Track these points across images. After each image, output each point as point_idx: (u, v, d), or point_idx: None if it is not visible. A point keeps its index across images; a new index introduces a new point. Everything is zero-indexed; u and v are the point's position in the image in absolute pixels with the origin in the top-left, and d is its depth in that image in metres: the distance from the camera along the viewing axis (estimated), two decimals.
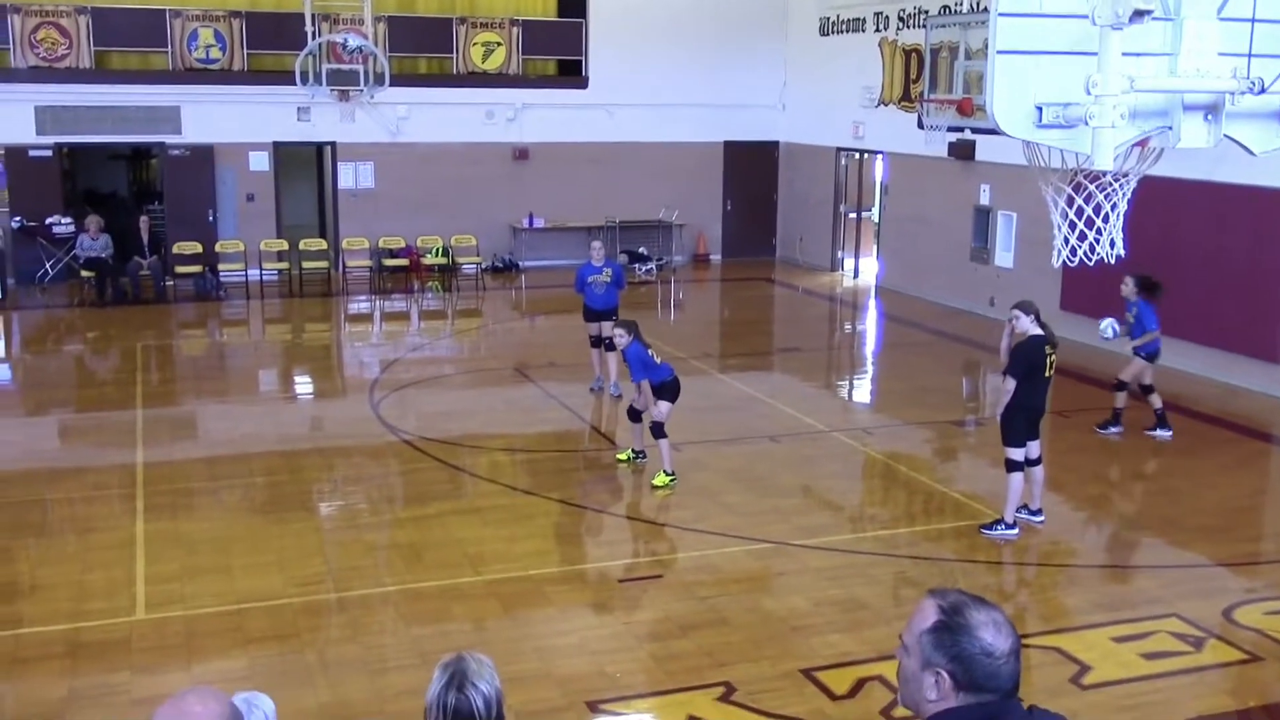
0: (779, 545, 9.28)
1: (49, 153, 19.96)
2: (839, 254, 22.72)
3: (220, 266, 20.36)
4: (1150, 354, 11.97)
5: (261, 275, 20.47)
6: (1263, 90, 5.43)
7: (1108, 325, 11.64)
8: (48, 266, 19.69)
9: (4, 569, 8.93)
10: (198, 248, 20.25)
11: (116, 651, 7.51)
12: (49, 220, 19.76)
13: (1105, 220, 7.32)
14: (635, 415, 11.06)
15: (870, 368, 17.00)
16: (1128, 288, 11.90)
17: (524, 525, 9.83)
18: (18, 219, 19.68)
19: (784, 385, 14.82)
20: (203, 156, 20.56)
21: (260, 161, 21.02)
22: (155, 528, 9.55)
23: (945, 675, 2.49)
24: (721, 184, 23.86)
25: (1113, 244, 7.37)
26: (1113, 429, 12.20)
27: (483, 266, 21.89)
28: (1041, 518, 9.71)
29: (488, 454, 11.65)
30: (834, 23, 22.04)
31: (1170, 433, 12.11)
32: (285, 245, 20.95)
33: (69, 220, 19.89)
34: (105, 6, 19.95)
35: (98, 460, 11.45)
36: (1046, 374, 9.45)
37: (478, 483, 10.83)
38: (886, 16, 20.46)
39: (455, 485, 10.83)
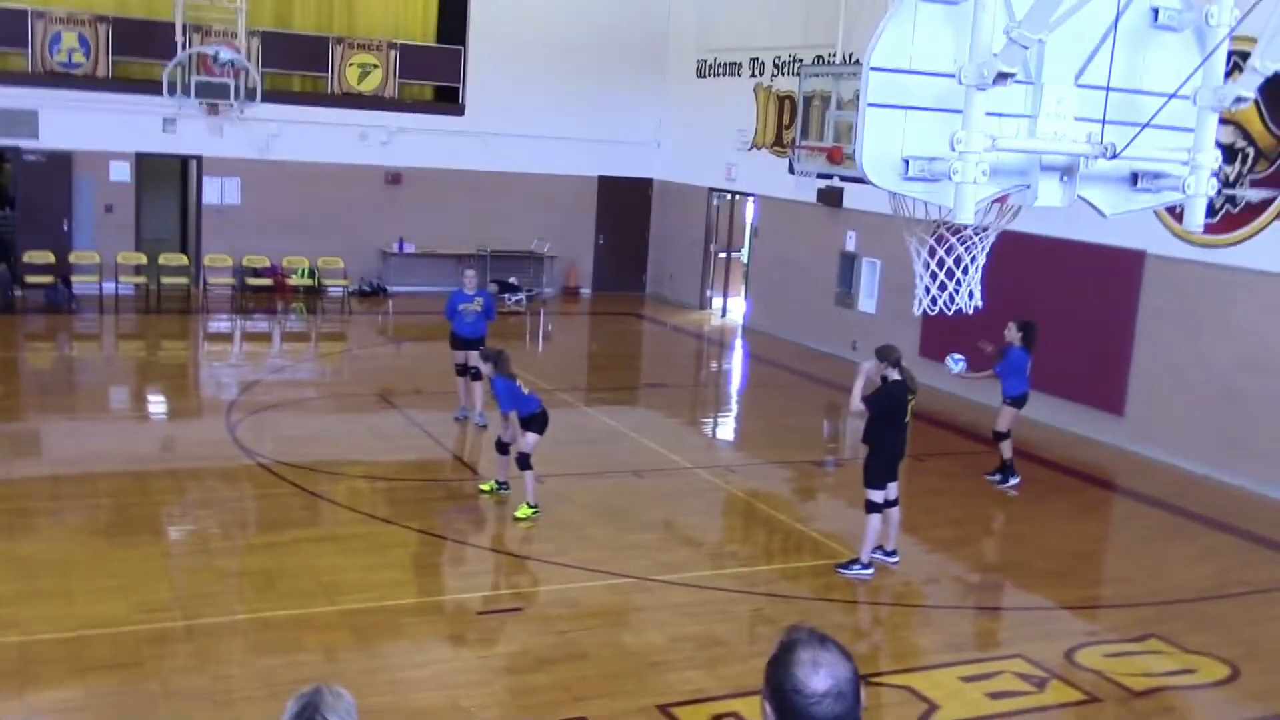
0: (639, 580, 9.30)
1: None
2: (708, 293, 23.00)
3: (73, 278, 19.63)
4: (1015, 399, 12.29)
5: (117, 289, 19.78)
6: (1115, 155, 5.68)
7: (954, 360, 11.81)
8: None
9: None
10: (50, 258, 19.48)
11: None
12: None
13: (965, 272, 7.55)
14: (503, 447, 10.99)
15: (735, 406, 17.21)
16: (1011, 332, 12.19)
17: (382, 554, 9.66)
18: None
19: (649, 421, 14.90)
20: (60, 163, 19.82)
21: (121, 172, 20.35)
22: None
23: (769, 708, 2.56)
24: (595, 218, 23.95)
25: (971, 295, 7.60)
26: (1012, 480, 12.42)
27: (350, 290, 21.53)
28: (896, 559, 9.93)
29: (347, 481, 11.43)
30: (711, 65, 22.39)
31: (1016, 481, 12.46)
32: (144, 259, 20.28)
33: None
34: None
35: None
36: (906, 419, 9.71)
37: (335, 510, 10.61)
38: (762, 62, 20.87)
39: (312, 512, 10.59)
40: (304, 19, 21.74)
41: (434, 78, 22.63)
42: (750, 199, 21.53)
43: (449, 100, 22.62)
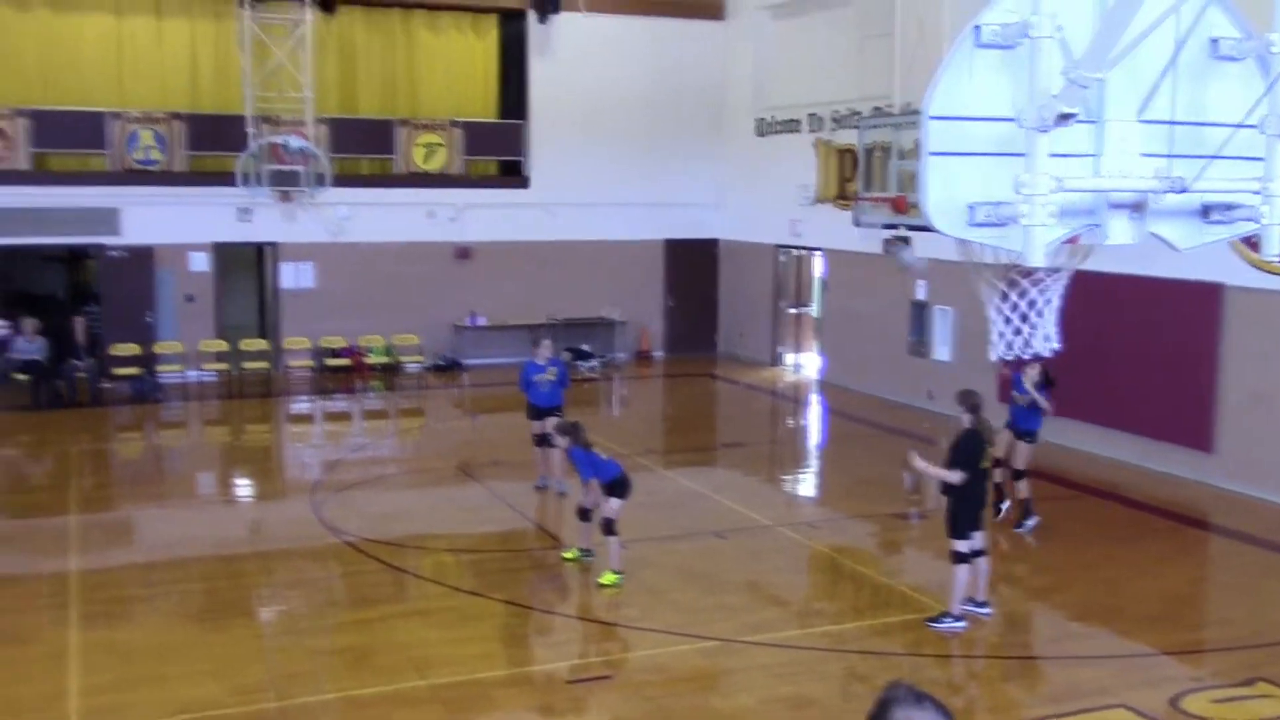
0: (726, 643, 9.22)
1: None
2: (780, 349, 22.95)
3: (158, 368, 20.14)
4: (1027, 434, 12.04)
5: (201, 376, 20.26)
6: (1184, 190, 5.62)
7: (904, 251, 11.36)
8: None
9: None
10: (136, 349, 20.02)
11: None
12: None
13: (1039, 315, 7.48)
14: (585, 515, 11.00)
15: (813, 462, 17.08)
16: (1033, 371, 11.92)
17: (469, 627, 9.70)
18: None
19: (728, 480, 14.85)
20: (142, 257, 20.44)
21: (200, 262, 20.93)
22: (89, 637, 9.30)
23: None
24: (663, 281, 24.10)
25: (1047, 338, 7.52)
26: (1029, 523, 12.17)
27: (425, 365, 21.83)
28: (988, 610, 9.75)
29: (432, 555, 11.51)
30: (769, 123, 22.52)
31: (1034, 522, 12.17)
32: (225, 346, 20.77)
33: (4, 323, 19.59)
34: (45, 109, 19.95)
35: (29, 568, 11.15)
36: (984, 465, 9.59)
37: (422, 584, 10.69)
38: (820, 117, 20.94)
39: (399, 587, 10.68)
40: (369, 103, 22.28)
41: (498, 153, 23.03)
42: (817, 253, 21.52)
43: (513, 174, 22.98)
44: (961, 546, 9.46)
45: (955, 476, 9.38)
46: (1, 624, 9.66)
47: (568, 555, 11.23)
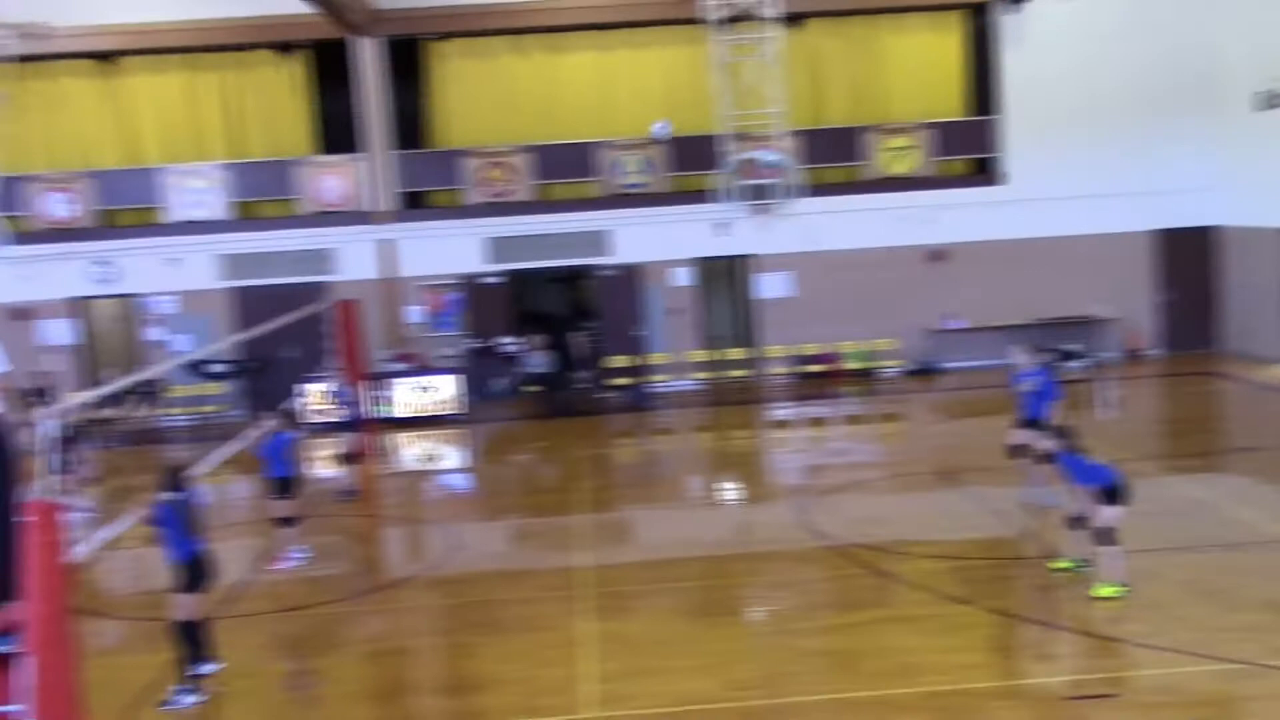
0: (1249, 666, 8.37)
1: (498, 279, 21.93)
2: None
3: (650, 378, 21.43)
4: None
5: (687, 385, 21.35)
6: None
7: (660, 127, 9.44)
8: (499, 382, 21.44)
9: (465, 663, 9.71)
10: (629, 361, 21.46)
11: None
12: (499, 340, 21.59)
13: None
14: (1076, 523, 10.42)
15: None
16: None
17: (958, 635, 9.47)
18: (473, 340, 21.65)
19: (1242, 488, 13.52)
20: (631, 275, 21.87)
21: (683, 276, 22.06)
22: (597, 628, 10.00)
23: None
24: (1154, 274, 22.44)
25: None
26: None
27: (903, 369, 21.68)
28: None
29: (916, 560, 11.34)
30: (1273, 95, 20.31)
31: None
32: (709, 355, 21.76)
33: (516, 340, 21.62)
34: (543, 144, 21.83)
35: (543, 562, 12.20)
36: None
37: (907, 590, 10.57)
38: None
39: (884, 592, 10.63)
40: (838, 112, 22.43)
41: (970, 151, 22.40)
42: None
43: (987, 171, 22.29)
44: None
45: None
46: (521, 612, 10.63)
47: (1057, 565, 10.67)
